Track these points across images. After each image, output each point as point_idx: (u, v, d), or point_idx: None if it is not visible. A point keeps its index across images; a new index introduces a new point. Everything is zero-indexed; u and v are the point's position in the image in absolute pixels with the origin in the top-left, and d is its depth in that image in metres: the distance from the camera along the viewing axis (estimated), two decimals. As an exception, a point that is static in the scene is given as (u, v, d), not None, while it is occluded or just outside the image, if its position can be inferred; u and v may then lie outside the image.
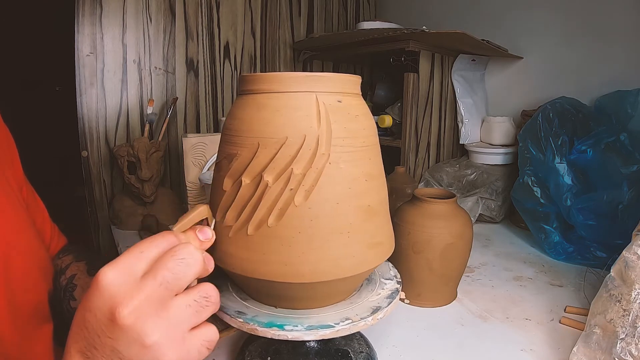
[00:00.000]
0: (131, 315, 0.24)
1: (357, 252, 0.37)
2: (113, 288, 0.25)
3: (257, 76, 0.37)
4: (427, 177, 1.13)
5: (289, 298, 0.39)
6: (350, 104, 0.38)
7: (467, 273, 0.75)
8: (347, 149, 0.36)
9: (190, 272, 0.27)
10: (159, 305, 0.25)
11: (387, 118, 1.16)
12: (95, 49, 1.03)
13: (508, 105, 1.23)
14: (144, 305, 0.25)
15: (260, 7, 1.29)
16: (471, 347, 0.54)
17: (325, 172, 0.35)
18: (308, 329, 0.36)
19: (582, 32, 1.03)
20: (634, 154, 0.77)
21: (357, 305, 0.41)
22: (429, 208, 0.61)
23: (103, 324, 0.25)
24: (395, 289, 0.43)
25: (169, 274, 0.26)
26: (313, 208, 0.35)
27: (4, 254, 0.39)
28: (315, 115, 0.35)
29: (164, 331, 0.25)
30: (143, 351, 0.25)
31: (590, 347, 0.46)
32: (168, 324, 0.26)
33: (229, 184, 0.37)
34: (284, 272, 0.35)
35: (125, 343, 0.25)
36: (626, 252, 0.46)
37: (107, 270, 0.25)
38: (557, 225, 0.84)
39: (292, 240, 0.35)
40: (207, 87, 1.22)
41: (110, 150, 1.08)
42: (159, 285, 0.25)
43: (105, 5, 1.02)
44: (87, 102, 1.04)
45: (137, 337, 0.24)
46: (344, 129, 0.36)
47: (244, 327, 0.37)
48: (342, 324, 0.37)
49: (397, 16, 1.49)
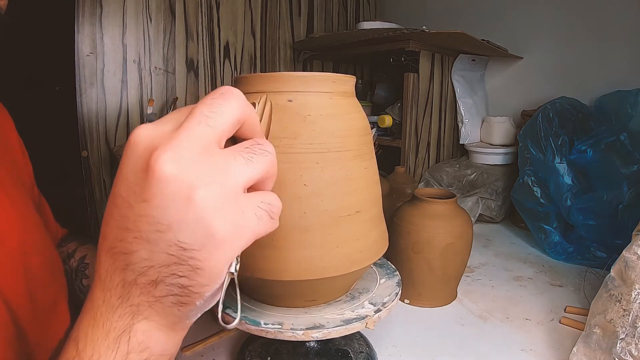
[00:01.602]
0: (171, 159, 0.19)
1: (284, 259, 0.36)
2: (147, 140, 0.21)
3: (237, 78, 0.39)
4: (427, 177, 1.13)
5: (254, 291, 0.41)
6: (304, 104, 0.36)
7: (467, 273, 0.75)
8: (284, 150, 0.35)
9: (230, 105, 0.22)
10: (203, 149, 0.20)
11: (387, 118, 1.16)
12: (95, 49, 1.03)
13: (508, 105, 1.23)
14: (186, 146, 0.20)
15: (260, 7, 1.29)
16: (471, 347, 0.54)
17: None
18: (239, 319, 0.38)
19: (582, 32, 1.03)
20: (634, 154, 0.77)
21: (306, 316, 0.40)
22: (429, 208, 0.61)
23: (136, 186, 0.20)
24: (362, 316, 0.39)
25: (206, 108, 0.21)
26: None
27: (22, 248, 0.39)
28: (259, 115, 0.36)
29: (212, 182, 0.20)
30: (186, 210, 0.19)
31: (590, 347, 0.46)
32: (217, 174, 0.20)
33: None
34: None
35: (163, 202, 0.20)
36: (626, 252, 0.46)
37: (141, 127, 0.21)
38: (557, 225, 0.84)
39: None
40: (207, 87, 1.22)
41: (110, 150, 1.08)
42: (198, 122, 0.21)
43: (105, 5, 1.02)
44: (87, 102, 1.04)
45: (179, 188, 0.19)
46: (285, 129, 0.35)
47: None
48: (270, 325, 0.37)
49: (397, 16, 1.49)
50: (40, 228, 0.45)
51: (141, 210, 0.20)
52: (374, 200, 0.41)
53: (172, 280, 0.21)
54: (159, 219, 0.20)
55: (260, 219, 0.22)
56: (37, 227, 0.44)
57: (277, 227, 0.24)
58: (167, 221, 0.20)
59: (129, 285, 0.21)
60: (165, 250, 0.20)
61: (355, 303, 0.42)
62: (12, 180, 0.42)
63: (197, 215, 0.20)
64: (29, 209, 0.44)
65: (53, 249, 0.48)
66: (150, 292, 0.21)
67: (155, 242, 0.20)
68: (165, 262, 0.20)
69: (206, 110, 0.21)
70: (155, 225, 0.20)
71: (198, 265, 0.20)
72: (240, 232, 0.21)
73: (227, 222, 0.20)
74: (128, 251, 0.21)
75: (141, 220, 0.20)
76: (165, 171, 0.19)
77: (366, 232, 0.39)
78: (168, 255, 0.20)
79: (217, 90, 0.22)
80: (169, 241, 0.20)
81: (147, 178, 0.20)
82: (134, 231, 0.20)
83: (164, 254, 0.20)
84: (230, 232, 0.20)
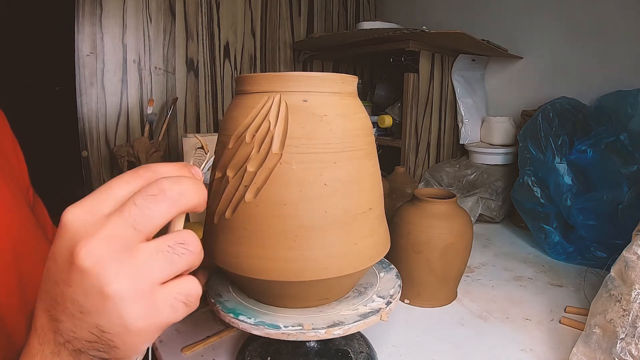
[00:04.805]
0: (90, 255, 0.21)
1: (304, 259, 0.36)
2: (74, 227, 0.22)
3: (238, 78, 0.39)
4: (427, 177, 1.13)
5: (251, 291, 0.41)
6: (318, 104, 0.37)
7: (467, 273, 0.75)
8: (302, 150, 0.35)
9: (161, 208, 0.22)
10: (124, 248, 0.22)
11: (387, 118, 1.16)
12: (95, 49, 1.03)
13: (508, 105, 1.23)
14: (106, 245, 0.21)
15: (260, 7, 1.29)
16: (471, 347, 0.54)
17: (276, 172, 0.35)
18: (257, 324, 0.37)
19: (582, 32, 1.03)
20: (634, 154, 0.77)
21: (322, 315, 0.40)
22: (429, 208, 0.61)
23: (62, 270, 0.22)
24: (376, 309, 0.41)
25: (136, 210, 0.22)
26: (260, 206, 0.35)
27: (15, 250, 0.39)
28: (274, 115, 0.35)
29: (127, 279, 0.21)
30: (103, 302, 0.21)
31: (590, 347, 0.46)
32: (133, 272, 0.22)
33: (214, 176, 0.40)
34: (232, 263, 0.37)
35: (83, 291, 0.21)
36: (626, 252, 0.46)
37: (71, 208, 0.22)
38: (557, 225, 0.84)
39: (241, 235, 0.36)
40: (207, 87, 1.22)
41: (110, 150, 1.08)
42: (124, 223, 0.22)
43: (105, 5, 1.02)
44: (87, 102, 1.04)
45: (96, 283, 0.21)
46: (302, 129, 0.35)
47: (212, 307, 0.41)
48: (291, 328, 0.37)
49: (397, 16, 1.49)
50: (35, 229, 0.45)
51: (66, 292, 0.22)
52: (380, 198, 0.42)
53: (93, 353, 0.23)
54: (81, 303, 0.22)
55: (176, 310, 0.23)
56: (31, 229, 0.44)
57: (298, 228, 0.24)
58: (87, 307, 0.21)
59: (59, 345, 0.23)
60: (87, 329, 0.22)
61: (364, 298, 0.43)
62: (5, 180, 0.42)
63: (112, 307, 0.21)
64: (23, 210, 0.44)
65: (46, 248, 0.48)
66: (76, 357, 0.23)
67: (79, 320, 0.22)
68: (87, 338, 0.22)
69: (135, 214, 0.22)
70: (78, 307, 0.22)
71: (115, 345, 0.22)
72: (153, 323, 0.23)
73: (141, 316, 0.22)
74: (57, 319, 0.23)
75: (66, 299, 0.22)
76: (83, 266, 0.21)
77: (377, 228, 0.41)
78: (90, 333, 0.22)
79: (150, 189, 0.23)
80: (89, 323, 0.22)
81: (71, 267, 0.21)
82: (61, 305, 0.22)
83: (86, 331, 0.22)
84: (144, 324, 0.22)
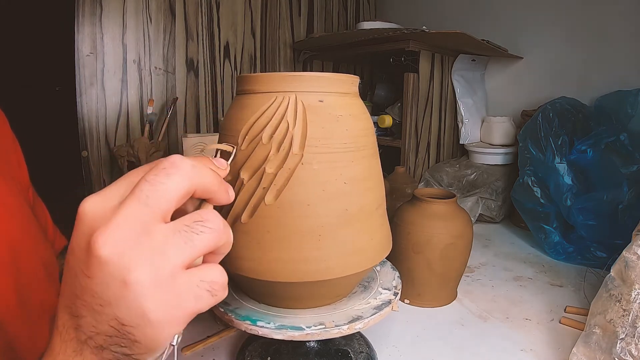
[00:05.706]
0: (107, 243, 0.20)
1: (328, 257, 0.36)
2: (91, 215, 0.21)
3: (244, 77, 0.38)
4: (427, 177, 1.13)
5: (266, 295, 0.40)
6: (334, 104, 0.37)
7: (467, 273, 0.75)
8: (322, 150, 0.35)
9: (174, 181, 0.22)
10: (141, 230, 0.21)
11: (387, 118, 1.16)
12: (95, 49, 1.03)
13: (508, 105, 1.23)
14: (122, 230, 0.20)
15: (260, 7, 1.29)
16: (471, 347, 0.54)
17: (297, 172, 0.35)
18: (278, 328, 0.37)
19: (582, 32, 1.03)
20: (634, 154, 0.77)
21: (338, 312, 0.40)
22: (429, 208, 0.61)
23: (81, 261, 0.21)
24: (387, 301, 0.42)
25: (147, 186, 0.21)
26: (282, 208, 0.35)
27: (13, 251, 0.39)
28: (292, 116, 0.35)
29: (147, 265, 0.20)
30: (122, 291, 0.20)
31: (590, 347, 0.46)
32: (152, 256, 0.21)
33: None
34: (251, 268, 0.36)
35: (103, 281, 0.20)
36: (626, 252, 0.46)
37: (88, 198, 0.22)
38: (557, 225, 0.84)
39: (261, 238, 0.36)
40: (207, 87, 1.22)
41: (110, 150, 1.08)
42: (137, 202, 0.21)
43: (105, 5, 1.02)
44: (87, 102, 1.04)
45: (116, 271, 0.20)
46: (322, 129, 0.36)
47: (223, 317, 0.40)
48: (314, 328, 0.37)
49: (397, 16, 1.49)
50: (35, 230, 0.45)
51: (86, 284, 0.21)
52: (384, 195, 0.44)
53: (116, 349, 0.22)
54: (100, 294, 0.21)
55: (200, 299, 0.22)
56: (31, 229, 0.44)
57: (321, 227, 0.23)
58: (107, 297, 0.21)
59: (81, 342, 0.22)
60: (107, 322, 0.21)
61: (371, 292, 0.44)
62: (5, 180, 0.42)
63: (132, 297, 0.20)
64: (23, 210, 0.44)
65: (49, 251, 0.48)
66: (99, 354, 0.22)
67: (99, 313, 0.21)
68: (108, 332, 0.21)
69: (146, 189, 0.21)
70: (98, 299, 0.21)
71: (136, 339, 0.21)
72: (175, 313, 0.21)
73: (161, 305, 0.21)
74: (78, 315, 0.22)
75: (86, 292, 0.21)
76: (102, 254, 0.20)
77: (385, 223, 0.42)
78: (110, 327, 0.21)
79: (160, 164, 0.22)
80: (109, 315, 0.21)
81: (89, 257, 0.20)
82: (81, 299, 0.21)
83: (106, 325, 0.21)
84: (165, 314, 0.21)
